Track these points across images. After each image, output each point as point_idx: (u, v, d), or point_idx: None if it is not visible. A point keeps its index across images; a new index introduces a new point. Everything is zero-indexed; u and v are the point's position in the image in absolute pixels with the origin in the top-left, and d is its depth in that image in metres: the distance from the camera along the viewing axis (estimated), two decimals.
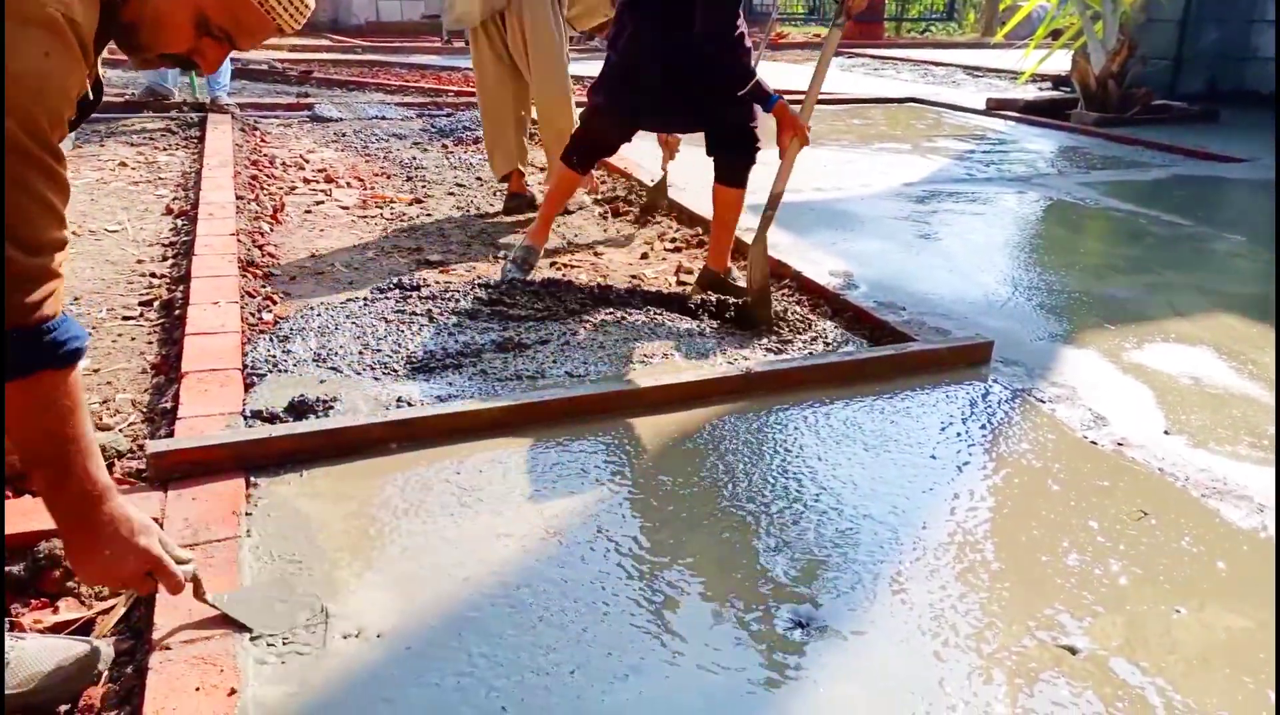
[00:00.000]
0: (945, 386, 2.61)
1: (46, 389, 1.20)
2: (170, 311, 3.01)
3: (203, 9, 1.35)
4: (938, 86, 10.31)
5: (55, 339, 1.19)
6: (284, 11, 1.40)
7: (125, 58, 1.40)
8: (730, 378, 2.50)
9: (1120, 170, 5.78)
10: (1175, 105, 7.81)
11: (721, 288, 3.26)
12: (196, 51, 1.39)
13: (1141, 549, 1.89)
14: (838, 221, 4.35)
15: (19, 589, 1.69)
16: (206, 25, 1.36)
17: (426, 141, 6.04)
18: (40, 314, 1.17)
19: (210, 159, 4.91)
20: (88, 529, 1.32)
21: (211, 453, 2.00)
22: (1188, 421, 2.47)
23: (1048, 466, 2.20)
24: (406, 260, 3.62)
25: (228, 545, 1.75)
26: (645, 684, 1.49)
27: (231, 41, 1.41)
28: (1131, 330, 3.09)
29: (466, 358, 2.65)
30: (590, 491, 2.03)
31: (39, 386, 1.19)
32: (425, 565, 1.75)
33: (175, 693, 1.40)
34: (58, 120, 1.17)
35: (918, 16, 20.37)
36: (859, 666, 1.54)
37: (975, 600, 1.71)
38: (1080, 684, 1.52)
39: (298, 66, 9.26)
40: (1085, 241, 4.26)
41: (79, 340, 1.22)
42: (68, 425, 1.24)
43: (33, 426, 1.22)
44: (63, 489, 1.27)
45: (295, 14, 1.42)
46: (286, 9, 1.40)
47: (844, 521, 1.95)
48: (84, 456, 1.28)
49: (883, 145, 6.48)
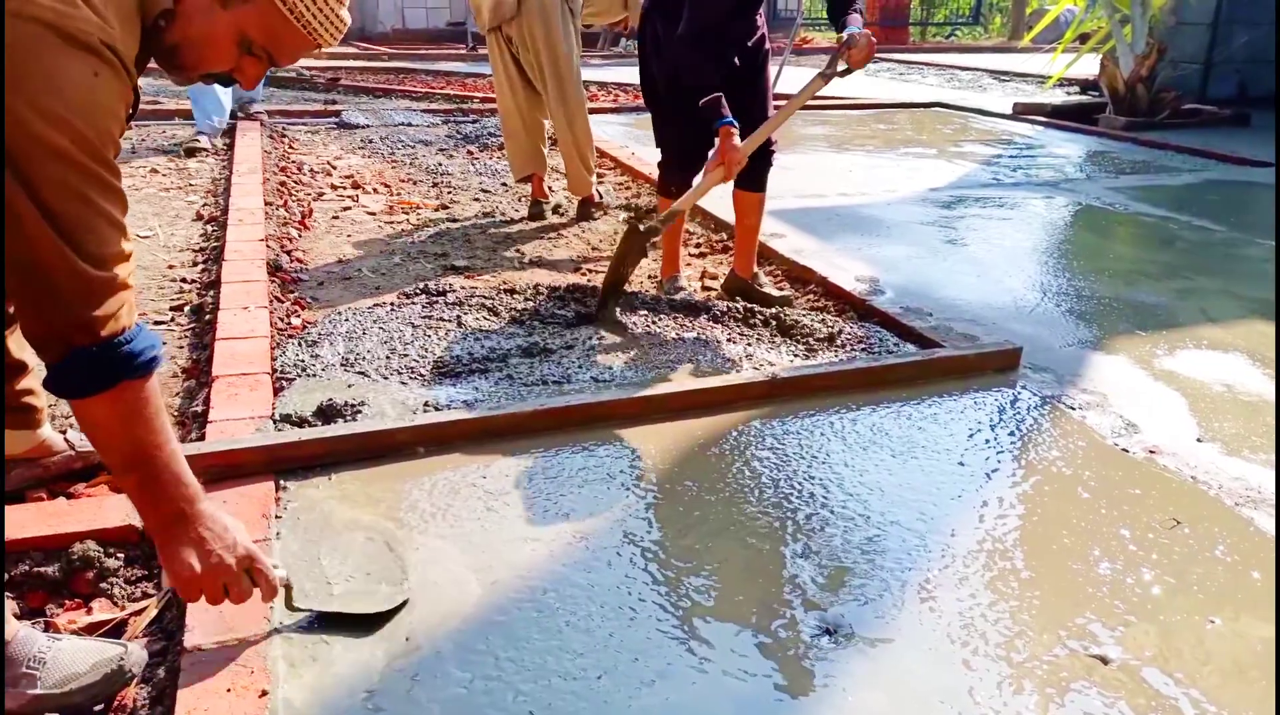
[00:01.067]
0: (973, 392, 2.59)
1: (129, 399, 1.24)
2: (201, 316, 3.05)
3: (244, 30, 1.38)
4: (964, 91, 10.25)
5: (132, 350, 1.22)
6: (322, 29, 1.43)
7: None
8: (756, 383, 2.50)
9: (1150, 175, 5.73)
10: (1205, 109, 7.73)
11: (749, 294, 3.25)
12: (238, 69, 1.43)
13: (1174, 558, 1.87)
14: (863, 226, 4.33)
15: (53, 590, 1.71)
16: (248, 45, 1.40)
17: (452, 148, 6.08)
18: (115, 327, 1.21)
19: (239, 165, 4.96)
20: (182, 531, 1.34)
21: (242, 456, 2.02)
22: (1221, 429, 2.43)
23: (1078, 474, 2.18)
24: (432, 266, 3.64)
25: (258, 547, 1.76)
26: (672, 690, 1.48)
27: (272, 59, 1.44)
28: (1163, 336, 3.06)
29: (492, 362, 2.66)
30: (616, 496, 2.03)
31: (121, 397, 1.23)
32: (452, 569, 1.76)
33: (207, 694, 1.41)
34: (110, 138, 1.21)
35: (943, 21, 20.28)
36: (887, 674, 1.53)
37: (1005, 608, 1.70)
38: (1112, 694, 1.50)
39: (325, 74, 9.35)
40: (1115, 246, 4.21)
41: (155, 348, 1.27)
42: (152, 431, 1.28)
43: (118, 436, 1.26)
44: (153, 494, 1.31)
45: (333, 31, 1.45)
46: (324, 26, 1.43)
47: (871, 528, 1.93)
48: (171, 460, 1.31)
49: (908, 150, 6.45)
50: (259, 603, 1.60)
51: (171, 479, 1.31)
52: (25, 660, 1.41)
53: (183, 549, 1.34)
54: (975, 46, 17.14)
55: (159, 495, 1.31)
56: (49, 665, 1.42)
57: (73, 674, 1.42)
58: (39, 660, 1.42)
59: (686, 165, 3.21)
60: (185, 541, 1.34)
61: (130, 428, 1.25)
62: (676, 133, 3.18)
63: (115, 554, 1.77)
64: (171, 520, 1.34)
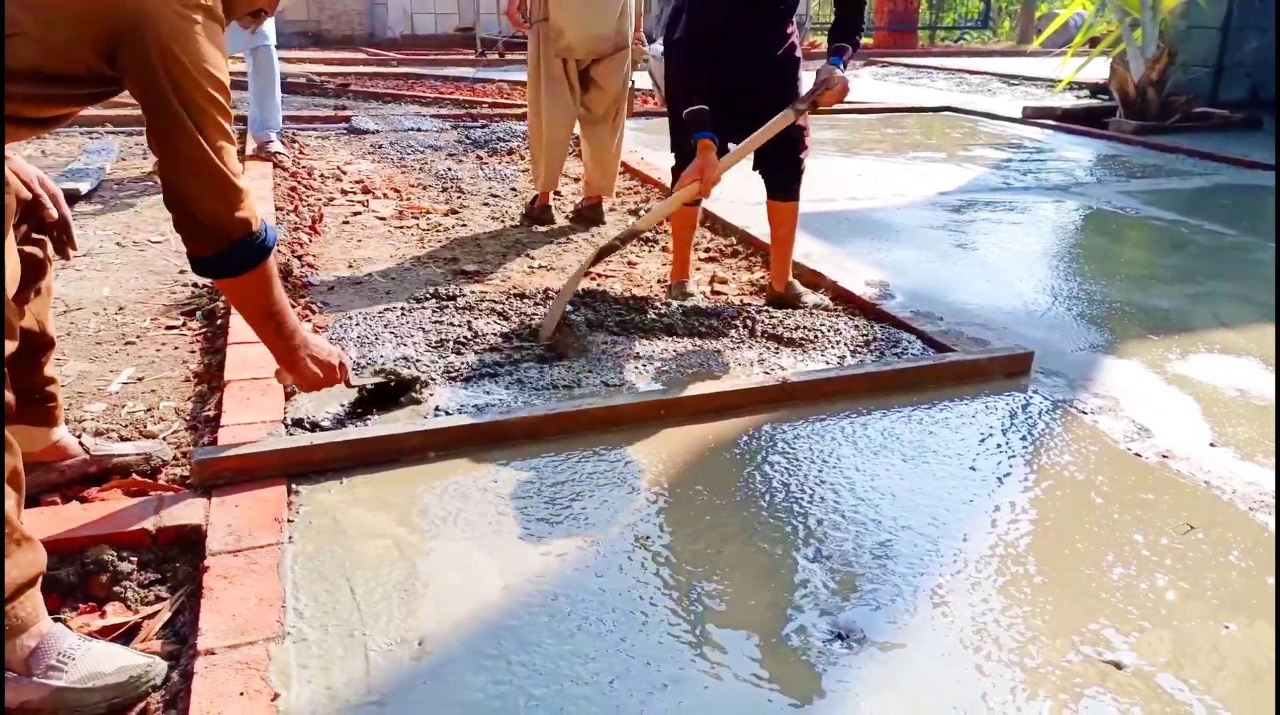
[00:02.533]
0: (984, 397, 2.58)
1: (266, 270, 1.74)
2: (212, 321, 3.06)
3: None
4: (973, 95, 10.24)
5: (268, 238, 1.71)
6: None
7: None
8: (767, 387, 2.50)
9: (1161, 179, 5.71)
10: (1216, 113, 7.70)
11: (791, 306, 3.24)
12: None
13: (1188, 563, 1.86)
14: (873, 231, 4.33)
15: (67, 593, 1.72)
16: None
17: (461, 153, 6.10)
18: (257, 222, 1.68)
19: (250, 171, 4.98)
20: (303, 353, 1.92)
21: (254, 460, 2.03)
22: (1234, 433, 2.42)
23: (1090, 479, 2.17)
24: (443, 271, 3.65)
25: (270, 551, 1.77)
26: (684, 694, 1.48)
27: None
28: (1175, 341, 3.05)
29: (503, 367, 2.66)
30: (627, 501, 2.03)
31: (262, 272, 1.74)
32: (464, 573, 1.76)
33: (220, 697, 1.41)
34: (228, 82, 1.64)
35: (952, 24, 20.26)
36: (899, 680, 1.53)
37: (1018, 614, 1.69)
38: (1127, 700, 1.49)
39: (335, 79, 9.38)
40: (1126, 251, 4.20)
41: (274, 230, 1.74)
42: (278, 291, 1.81)
43: (259, 297, 1.77)
44: (283, 333, 1.87)
45: None
46: None
47: (883, 533, 1.93)
48: (289, 309, 1.85)
49: (917, 154, 6.44)
50: (271, 606, 1.62)
51: (292, 322, 1.86)
52: (55, 654, 1.43)
53: (307, 364, 1.94)
54: (984, 50, 17.11)
55: (286, 334, 1.86)
56: (77, 662, 1.44)
57: (98, 672, 1.44)
58: (69, 656, 1.44)
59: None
60: (307, 359, 1.94)
61: (266, 291, 1.77)
62: (688, 138, 3.17)
63: (129, 558, 1.78)
64: (297, 347, 1.90)
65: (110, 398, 2.51)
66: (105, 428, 2.32)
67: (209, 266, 1.69)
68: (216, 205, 1.62)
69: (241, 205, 1.64)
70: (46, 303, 1.87)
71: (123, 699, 1.46)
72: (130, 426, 2.35)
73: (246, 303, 1.80)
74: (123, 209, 4.47)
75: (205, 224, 1.64)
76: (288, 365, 1.91)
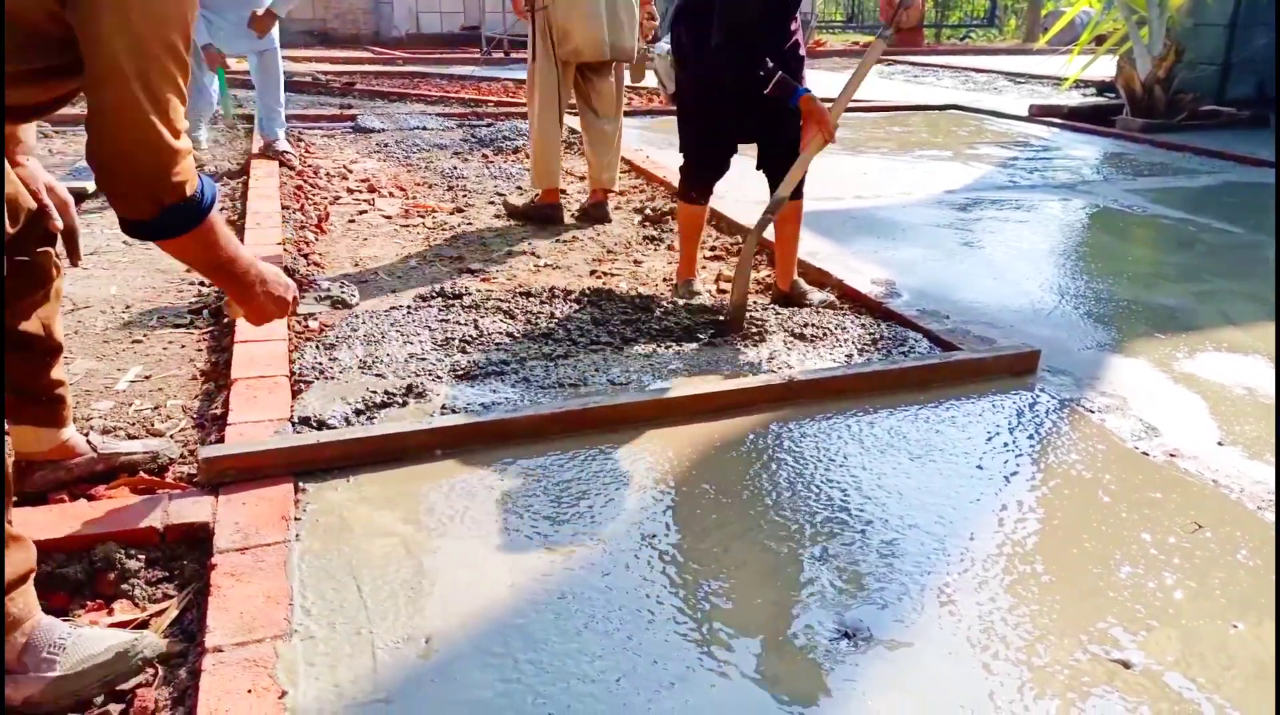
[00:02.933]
0: (991, 396, 2.58)
1: (205, 231, 1.55)
2: (219, 319, 3.06)
3: None
4: (979, 93, 10.22)
5: (204, 202, 1.52)
6: None
7: None
8: (773, 386, 2.50)
9: (1168, 177, 5.69)
10: (1224, 111, 7.67)
11: (797, 305, 3.24)
12: None
13: (1196, 562, 1.85)
14: (879, 229, 4.32)
15: (75, 591, 1.73)
16: None
17: (467, 151, 6.10)
18: (192, 185, 1.48)
19: (256, 169, 5.00)
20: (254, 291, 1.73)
21: (261, 458, 2.03)
22: (1242, 432, 2.41)
23: (1098, 477, 2.17)
24: (449, 269, 3.65)
25: (277, 549, 1.78)
26: (691, 693, 1.48)
27: None
28: (1182, 339, 3.04)
29: (509, 365, 2.66)
30: (633, 499, 2.03)
31: (200, 233, 1.54)
32: (470, 571, 1.76)
33: (228, 695, 1.42)
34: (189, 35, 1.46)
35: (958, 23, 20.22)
36: (907, 678, 1.53)
37: (1025, 613, 1.69)
38: (1135, 699, 1.49)
39: (340, 78, 9.39)
40: (1133, 249, 4.19)
41: (213, 188, 1.55)
42: (224, 243, 1.62)
43: (201, 256, 1.61)
44: (234, 281, 1.69)
45: None
46: None
47: (889, 532, 1.93)
48: (238, 257, 1.67)
49: (923, 152, 6.43)
50: (278, 604, 1.62)
51: (244, 265, 1.68)
52: (47, 646, 1.45)
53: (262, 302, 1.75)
54: (990, 48, 17.07)
55: (238, 281, 1.69)
56: (68, 650, 1.46)
57: (89, 655, 1.47)
58: (59, 646, 1.46)
59: (706, 171, 3.20)
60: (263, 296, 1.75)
61: (207, 250, 1.60)
62: (697, 138, 3.17)
63: (136, 555, 1.78)
64: (252, 285, 1.72)
65: (118, 396, 2.52)
66: (113, 426, 2.33)
67: (137, 230, 1.50)
68: (148, 167, 1.42)
69: (177, 168, 1.43)
70: (55, 308, 1.87)
71: (116, 675, 1.49)
72: (137, 425, 2.35)
73: (187, 259, 1.63)
74: None
75: (133, 187, 1.45)
76: (242, 302, 1.75)
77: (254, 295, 1.75)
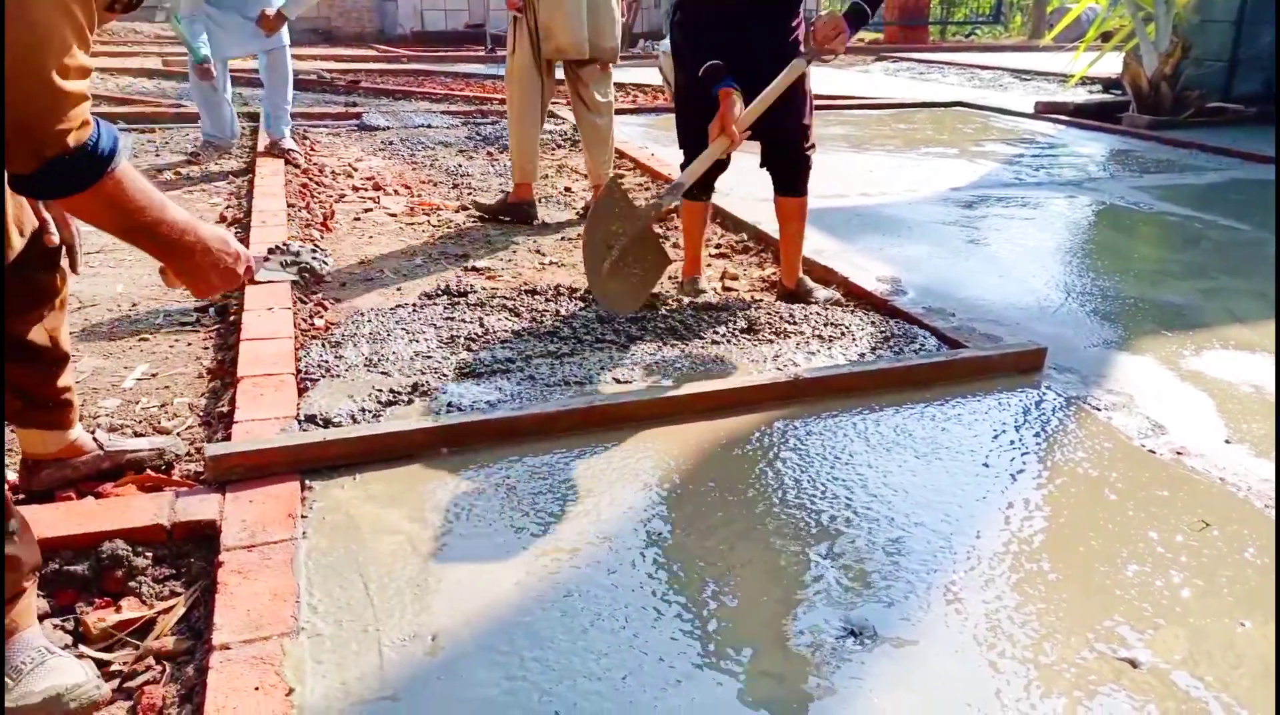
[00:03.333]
0: (997, 393, 2.57)
1: (108, 188, 1.31)
2: (225, 317, 3.07)
3: None
4: (985, 90, 10.19)
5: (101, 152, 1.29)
6: None
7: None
8: (779, 384, 2.49)
9: (1174, 174, 5.67)
10: (1230, 108, 7.64)
11: (802, 302, 3.23)
12: None
13: (1203, 560, 1.85)
14: (884, 226, 4.32)
15: (83, 588, 1.73)
16: None
17: (472, 149, 6.10)
18: (82, 135, 1.26)
19: (262, 167, 5.00)
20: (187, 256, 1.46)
21: (268, 456, 2.04)
22: (1249, 430, 2.41)
23: (1104, 475, 2.16)
24: (454, 267, 3.65)
25: (284, 547, 1.78)
26: (697, 691, 1.48)
27: None
28: (1189, 337, 3.03)
29: (515, 363, 2.66)
30: (639, 497, 2.03)
31: (101, 189, 1.31)
32: (476, 569, 1.77)
33: (235, 692, 1.42)
34: None
35: (963, 20, 20.17)
36: (913, 677, 1.53)
37: (1032, 611, 1.68)
38: (1142, 697, 1.49)
39: (345, 76, 9.40)
40: (1139, 246, 4.18)
41: (113, 137, 1.32)
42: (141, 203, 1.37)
43: (108, 217, 1.36)
44: (155, 241, 1.41)
45: None
46: None
47: (895, 530, 1.93)
48: (157, 212, 1.40)
49: (929, 150, 6.42)
50: (285, 601, 1.62)
51: (174, 233, 1.42)
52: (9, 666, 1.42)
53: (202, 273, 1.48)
54: (996, 45, 17.03)
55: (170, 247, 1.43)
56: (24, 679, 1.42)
57: (27, 691, 1.42)
58: (17, 671, 1.42)
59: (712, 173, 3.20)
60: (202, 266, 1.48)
61: (118, 212, 1.35)
62: (695, 136, 3.17)
63: (144, 553, 1.79)
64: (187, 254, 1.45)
65: (124, 394, 2.52)
66: (119, 424, 2.33)
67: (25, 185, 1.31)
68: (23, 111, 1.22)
69: (65, 116, 1.24)
70: (61, 318, 1.87)
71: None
72: (144, 422, 2.36)
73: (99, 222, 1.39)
74: None
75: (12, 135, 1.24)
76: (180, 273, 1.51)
77: (194, 265, 1.49)
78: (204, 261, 1.48)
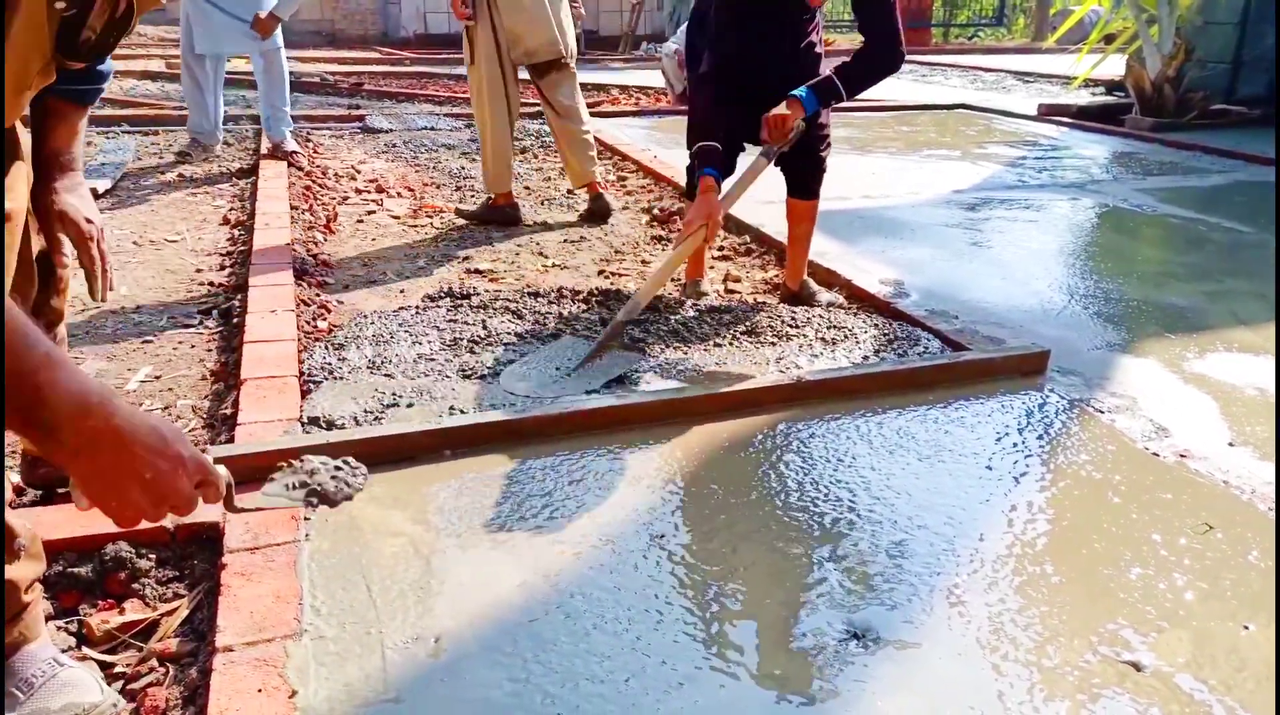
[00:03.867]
0: (1000, 396, 2.57)
1: None
2: (228, 319, 3.07)
3: None
4: (987, 92, 10.19)
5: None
6: None
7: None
8: (782, 386, 2.49)
9: (1178, 176, 5.67)
10: (1234, 109, 7.63)
11: (806, 304, 3.23)
12: None
13: (1207, 563, 1.85)
14: (887, 229, 4.32)
15: (86, 590, 1.73)
16: None
17: (475, 151, 6.09)
18: None
19: (265, 170, 5.01)
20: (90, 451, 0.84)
21: (271, 458, 2.03)
22: (1253, 433, 2.40)
23: (1108, 478, 2.16)
24: (457, 269, 3.66)
25: (287, 549, 1.78)
26: (700, 693, 1.48)
27: None
28: (1193, 339, 3.03)
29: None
30: (642, 500, 2.03)
31: None
32: (479, 571, 1.77)
33: (238, 694, 1.42)
34: None
35: (966, 22, 20.16)
36: (916, 679, 1.52)
37: (1035, 614, 1.68)
38: (1145, 701, 1.49)
39: (348, 79, 9.41)
40: (1143, 249, 4.17)
41: None
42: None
43: None
44: (38, 424, 0.81)
45: None
46: None
47: (898, 532, 1.92)
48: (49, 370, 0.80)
49: (932, 152, 6.41)
50: (288, 604, 1.62)
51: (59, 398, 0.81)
52: (17, 679, 1.39)
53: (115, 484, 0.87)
54: (999, 47, 17.02)
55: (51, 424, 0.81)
56: (37, 693, 1.39)
57: (42, 708, 1.39)
58: (28, 684, 1.40)
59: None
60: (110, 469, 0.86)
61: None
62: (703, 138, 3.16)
63: (147, 555, 1.79)
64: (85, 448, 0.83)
65: (128, 396, 2.53)
66: None
67: None
68: None
69: None
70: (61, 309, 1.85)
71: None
72: None
73: None
74: (139, 208, 4.49)
75: None
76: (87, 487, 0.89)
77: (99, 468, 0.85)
78: (119, 465, 0.86)
